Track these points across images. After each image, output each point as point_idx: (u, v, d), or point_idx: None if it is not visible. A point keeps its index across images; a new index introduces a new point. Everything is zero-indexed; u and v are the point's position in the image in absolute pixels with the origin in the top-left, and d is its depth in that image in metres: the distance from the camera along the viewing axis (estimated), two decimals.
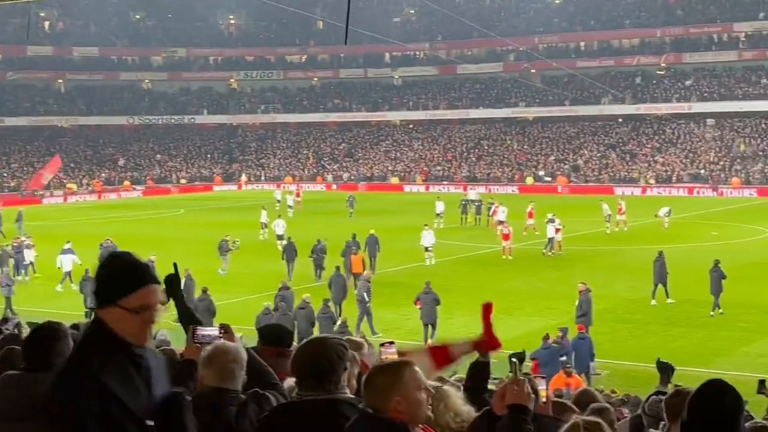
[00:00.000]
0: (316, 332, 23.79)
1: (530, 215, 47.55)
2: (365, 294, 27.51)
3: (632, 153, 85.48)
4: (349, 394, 4.39)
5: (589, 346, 22.19)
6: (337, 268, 31.60)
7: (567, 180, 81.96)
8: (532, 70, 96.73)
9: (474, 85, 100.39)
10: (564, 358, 19.74)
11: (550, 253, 41.49)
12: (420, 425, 4.08)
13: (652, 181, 78.64)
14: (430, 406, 4.13)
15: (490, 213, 51.34)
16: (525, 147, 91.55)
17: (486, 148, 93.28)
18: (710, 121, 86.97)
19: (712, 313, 28.52)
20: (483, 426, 4.59)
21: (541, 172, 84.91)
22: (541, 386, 5.95)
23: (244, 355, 4.89)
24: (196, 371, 4.78)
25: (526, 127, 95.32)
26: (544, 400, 5.56)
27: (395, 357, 6.01)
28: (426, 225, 40.97)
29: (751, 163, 78.96)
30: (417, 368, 4.13)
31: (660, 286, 30.54)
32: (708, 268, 29.32)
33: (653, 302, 30.38)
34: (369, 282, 28.21)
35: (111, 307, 3.58)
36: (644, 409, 8.01)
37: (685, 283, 31.26)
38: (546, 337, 20.55)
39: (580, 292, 25.02)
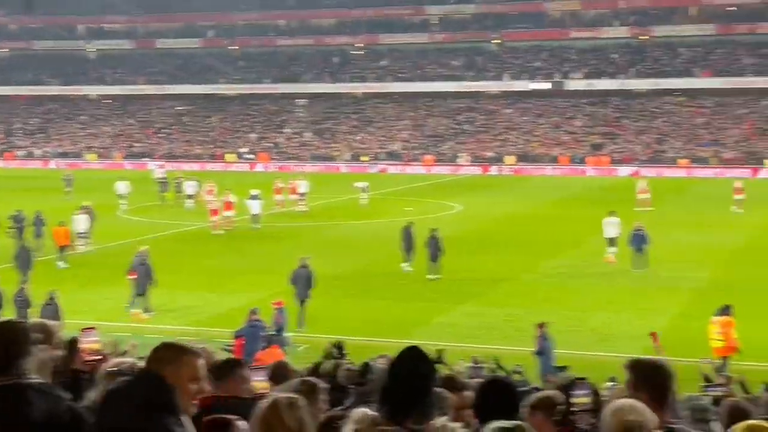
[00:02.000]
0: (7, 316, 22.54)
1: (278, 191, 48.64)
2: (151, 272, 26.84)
3: (331, 131, 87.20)
4: (37, 379, 4.10)
5: (285, 319, 22.43)
6: (24, 241, 32.13)
7: (268, 157, 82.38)
8: (231, 47, 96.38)
9: (174, 61, 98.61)
10: (268, 334, 20.00)
11: (258, 226, 41.98)
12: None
13: (365, 158, 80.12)
14: (195, 404, 4.01)
15: (205, 191, 49.91)
16: (226, 124, 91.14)
17: (187, 124, 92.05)
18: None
19: (432, 276, 30.21)
20: None
21: (243, 150, 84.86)
22: (259, 377, 5.95)
23: None
24: None
25: (227, 104, 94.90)
26: (263, 390, 5.60)
27: (96, 347, 5.78)
28: (83, 207, 37.58)
29: (441, 141, 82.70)
30: (202, 362, 4.04)
31: (407, 255, 31.81)
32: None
33: (409, 269, 31.51)
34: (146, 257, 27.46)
35: None
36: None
37: (383, 257, 32.28)
38: (251, 314, 20.49)
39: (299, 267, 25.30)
